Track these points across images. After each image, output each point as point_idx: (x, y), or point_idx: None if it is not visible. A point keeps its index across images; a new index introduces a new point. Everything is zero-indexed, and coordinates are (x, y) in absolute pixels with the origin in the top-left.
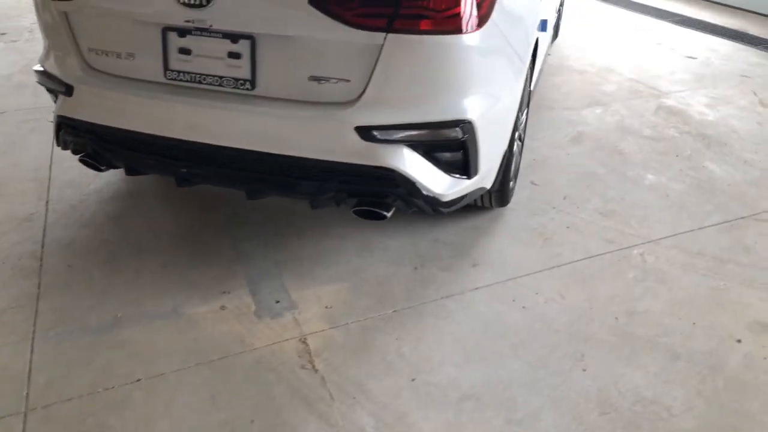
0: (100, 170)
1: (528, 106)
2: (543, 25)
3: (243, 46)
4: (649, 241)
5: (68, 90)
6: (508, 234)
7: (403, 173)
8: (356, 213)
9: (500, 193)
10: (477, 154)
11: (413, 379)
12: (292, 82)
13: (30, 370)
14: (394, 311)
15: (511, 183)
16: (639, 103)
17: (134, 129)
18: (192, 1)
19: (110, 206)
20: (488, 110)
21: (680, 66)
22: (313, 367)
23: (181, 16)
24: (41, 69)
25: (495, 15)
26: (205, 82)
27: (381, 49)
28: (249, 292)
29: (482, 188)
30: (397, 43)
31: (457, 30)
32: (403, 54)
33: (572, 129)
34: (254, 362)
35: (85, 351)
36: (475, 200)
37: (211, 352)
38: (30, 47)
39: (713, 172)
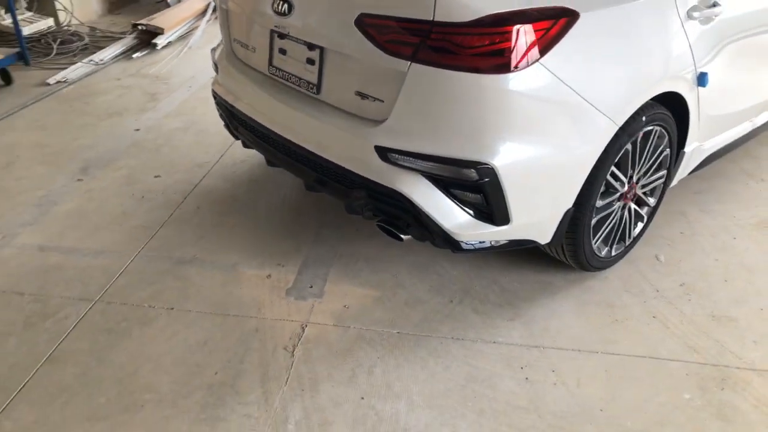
0: (234, 138)
1: (671, 168)
2: (702, 80)
3: (316, 54)
4: (749, 369)
5: (216, 69)
6: (575, 301)
7: (412, 200)
8: (379, 227)
9: (574, 253)
10: (504, 201)
11: (362, 398)
12: (344, 93)
13: (120, 273)
14: (398, 332)
15: (606, 249)
16: None
17: (240, 109)
18: (278, 10)
19: (258, 170)
20: (528, 160)
21: None
22: (293, 351)
23: (273, 22)
24: (212, 49)
25: (549, 59)
26: (290, 81)
27: (405, 76)
28: (297, 270)
29: (529, 240)
30: (419, 72)
31: (484, 70)
32: (424, 84)
33: None
34: (254, 328)
35: (158, 274)
36: (553, 252)
37: (233, 307)
38: None
39: None
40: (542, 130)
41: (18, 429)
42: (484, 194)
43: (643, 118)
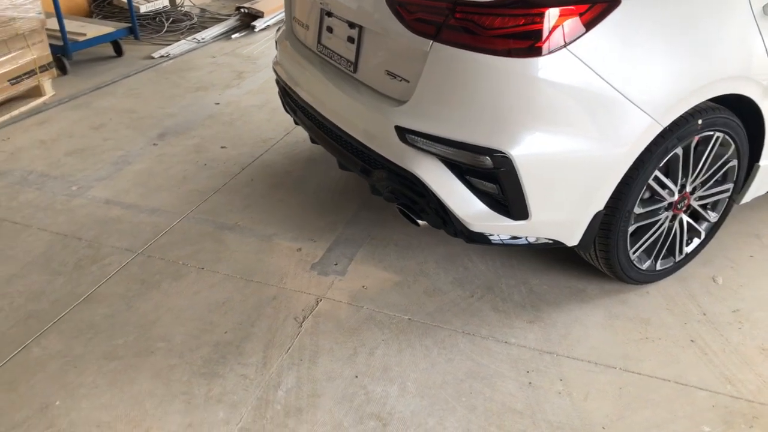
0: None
1: (740, 182)
2: None
3: (355, 33)
4: None
5: (276, 46)
6: (606, 313)
7: (426, 183)
8: (399, 210)
9: (607, 260)
10: (522, 195)
11: (356, 377)
12: (376, 72)
13: (166, 231)
14: (409, 319)
15: (648, 262)
16: None
17: (290, 85)
18: None
19: (317, 150)
20: (550, 153)
21: None
22: (302, 323)
23: None
24: (278, 29)
25: (580, 47)
26: (333, 58)
27: (427, 56)
28: (327, 248)
29: (554, 241)
30: (440, 52)
31: (507, 53)
32: (444, 65)
33: None
34: (272, 296)
35: (199, 236)
36: (587, 257)
37: (258, 274)
38: None
39: None
40: (569, 123)
41: (44, 355)
42: (499, 184)
43: (699, 121)
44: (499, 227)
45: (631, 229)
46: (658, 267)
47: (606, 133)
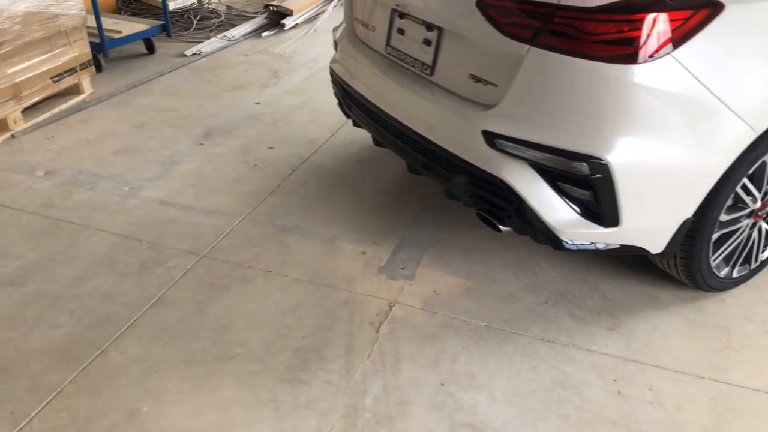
0: (346, 116)
1: None
2: None
3: (433, 35)
4: None
5: (335, 46)
6: (684, 321)
7: (516, 190)
8: (478, 215)
9: (687, 268)
10: (615, 202)
11: (442, 384)
12: (457, 76)
13: (227, 233)
14: (486, 326)
15: (726, 269)
16: None
17: (354, 87)
18: None
19: (366, 152)
20: (646, 160)
21: None
22: (378, 328)
23: (395, 0)
24: (334, 28)
25: (683, 53)
26: (405, 61)
27: (522, 60)
28: (392, 251)
29: (636, 248)
30: (537, 57)
31: (609, 59)
32: (542, 70)
33: None
34: (343, 300)
35: (261, 238)
36: (663, 264)
37: (326, 278)
38: None
39: None
40: (667, 130)
41: (123, 360)
42: (594, 191)
43: None
44: (588, 234)
45: (714, 236)
46: (735, 274)
47: (703, 140)
